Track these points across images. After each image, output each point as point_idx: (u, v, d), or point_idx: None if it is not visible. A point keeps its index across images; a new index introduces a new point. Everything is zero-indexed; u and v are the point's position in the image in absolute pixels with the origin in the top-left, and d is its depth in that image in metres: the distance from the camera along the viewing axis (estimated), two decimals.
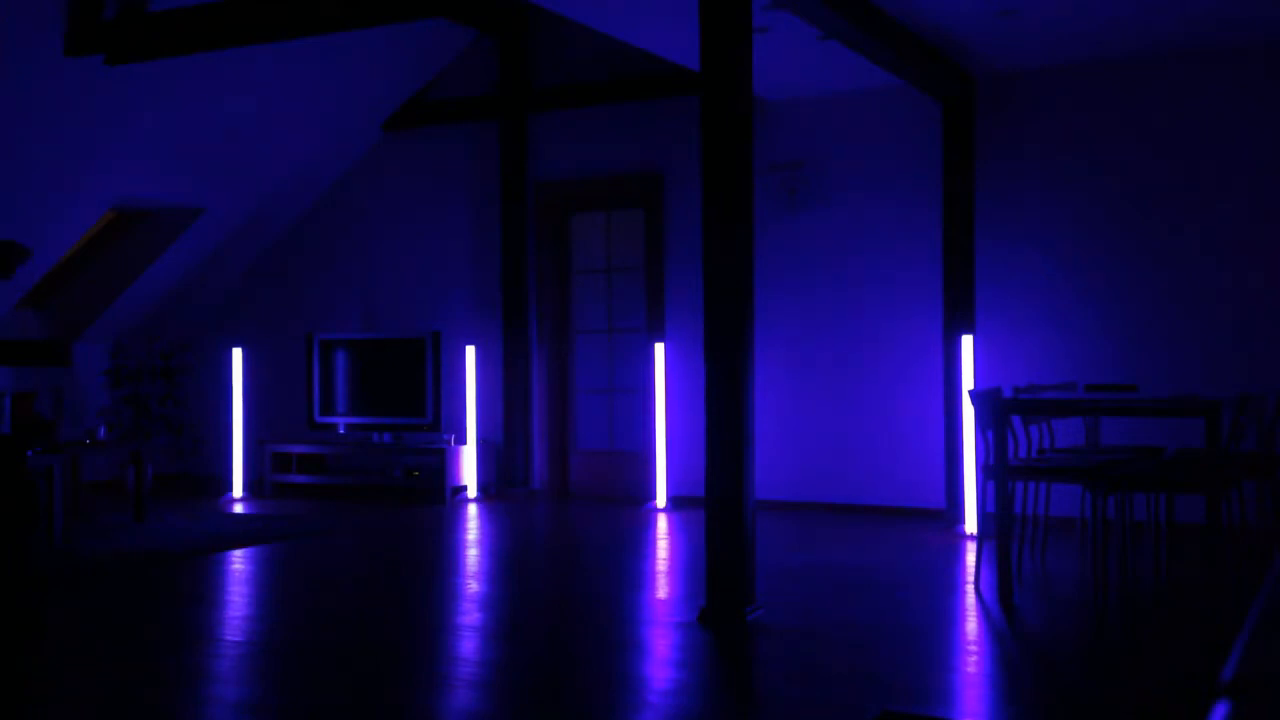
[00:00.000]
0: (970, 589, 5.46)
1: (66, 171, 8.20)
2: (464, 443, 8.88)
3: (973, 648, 4.60)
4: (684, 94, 8.23)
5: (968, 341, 7.17)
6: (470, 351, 8.93)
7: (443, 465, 8.59)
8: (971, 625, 4.94)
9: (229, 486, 9.20)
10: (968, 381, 7.08)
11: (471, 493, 8.75)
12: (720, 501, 4.86)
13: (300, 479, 9.16)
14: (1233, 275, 6.99)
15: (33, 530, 6.68)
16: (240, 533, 7.23)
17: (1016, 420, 5.90)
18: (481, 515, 8.06)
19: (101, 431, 7.80)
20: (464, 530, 7.53)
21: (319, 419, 9.34)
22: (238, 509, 8.49)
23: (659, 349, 8.31)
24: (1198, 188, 7.08)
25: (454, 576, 6.22)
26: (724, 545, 4.83)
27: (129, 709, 3.85)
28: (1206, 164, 7.06)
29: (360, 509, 8.36)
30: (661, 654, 4.54)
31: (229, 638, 4.75)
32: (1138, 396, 5.54)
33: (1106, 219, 7.28)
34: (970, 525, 6.95)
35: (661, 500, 8.21)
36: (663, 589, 5.83)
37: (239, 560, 6.43)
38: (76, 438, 8.33)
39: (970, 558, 6.21)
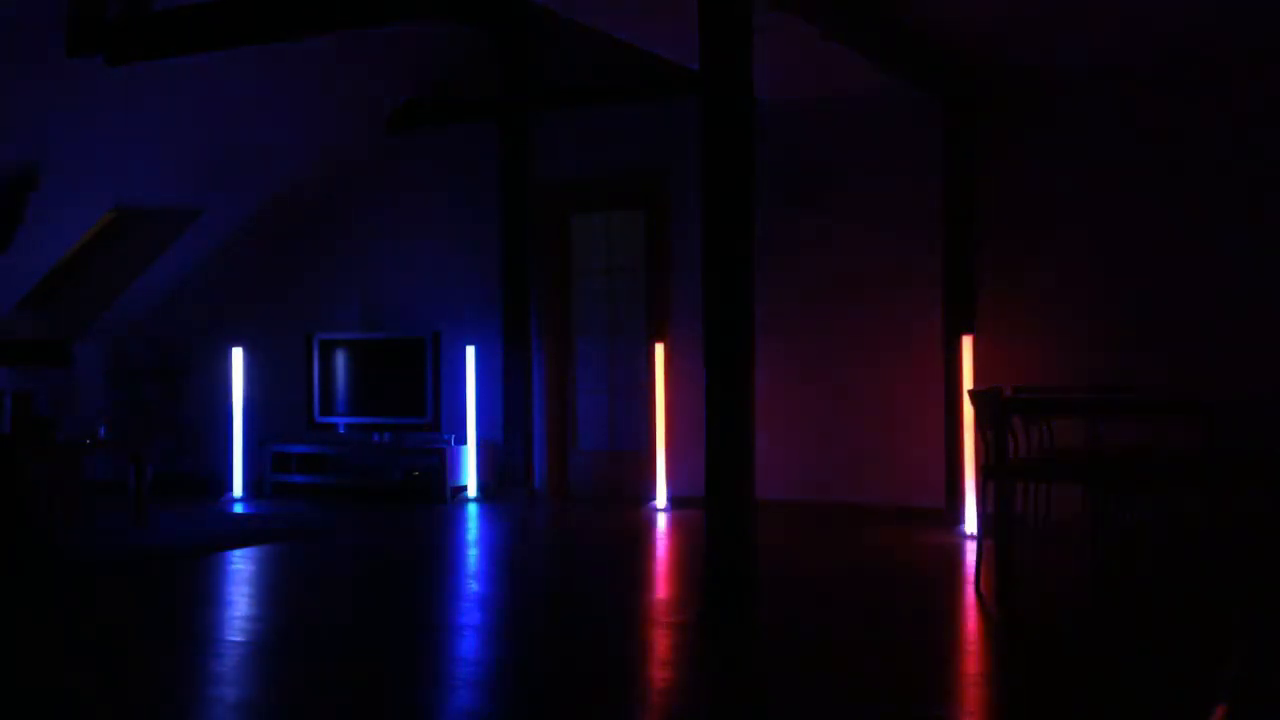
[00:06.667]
0: (970, 589, 5.46)
1: (66, 171, 8.19)
2: (464, 443, 8.88)
3: (973, 648, 4.60)
4: (684, 94, 8.21)
5: (968, 341, 7.16)
6: (470, 351, 8.92)
7: (443, 465, 8.59)
8: (971, 625, 4.94)
9: (229, 486, 9.20)
10: (968, 381, 7.08)
11: (471, 493, 8.75)
12: (720, 501, 4.86)
13: (300, 479, 9.16)
14: (1233, 275, 6.99)
15: (33, 530, 6.68)
16: (240, 533, 7.23)
17: (1016, 420, 5.90)
18: (481, 515, 8.06)
19: (101, 431, 7.79)
20: (464, 530, 7.54)
21: (319, 419, 9.34)
22: (238, 509, 8.49)
23: (659, 349, 8.30)
24: (1197, 188, 7.07)
25: (454, 576, 6.22)
26: (724, 545, 4.83)
27: (129, 709, 3.85)
28: (1206, 165, 7.05)
29: (360, 509, 8.36)
30: (661, 654, 4.54)
31: (229, 638, 4.75)
32: (1138, 396, 5.54)
33: (1106, 219, 7.27)
34: (970, 525, 6.95)
35: (662, 500, 8.21)
36: (663, 589, 5.83)
37: (239, 560, 6.43)
38: (76, 438, 8.32)
39: (970, 558, 6.21)
